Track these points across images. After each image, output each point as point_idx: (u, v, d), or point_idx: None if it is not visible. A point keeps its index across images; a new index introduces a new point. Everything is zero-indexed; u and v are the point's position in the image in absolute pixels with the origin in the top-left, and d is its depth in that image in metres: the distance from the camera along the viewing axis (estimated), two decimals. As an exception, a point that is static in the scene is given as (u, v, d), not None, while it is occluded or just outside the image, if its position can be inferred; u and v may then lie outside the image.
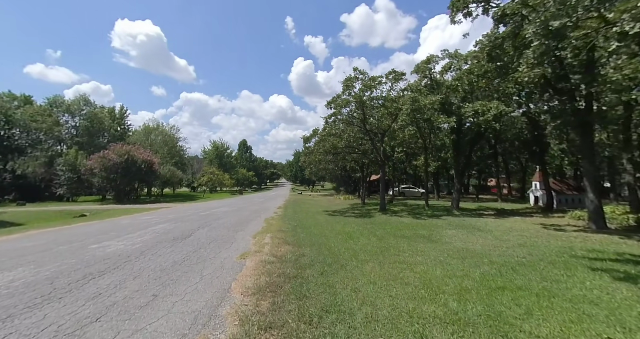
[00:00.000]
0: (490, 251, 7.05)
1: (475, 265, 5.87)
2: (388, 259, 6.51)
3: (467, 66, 14.48)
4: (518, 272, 5.32)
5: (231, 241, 7.71)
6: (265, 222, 11.75)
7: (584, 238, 8.43)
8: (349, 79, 16.38)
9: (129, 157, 25.49)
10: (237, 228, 9.94)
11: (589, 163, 10.24)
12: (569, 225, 11.28)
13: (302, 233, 9.46)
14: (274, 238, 8.25)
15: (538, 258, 6.21)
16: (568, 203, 19.17)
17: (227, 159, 60.72)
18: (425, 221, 12.71)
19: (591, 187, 10.08)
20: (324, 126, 18.85)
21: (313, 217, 14.67)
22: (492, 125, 15.97)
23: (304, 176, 63.01)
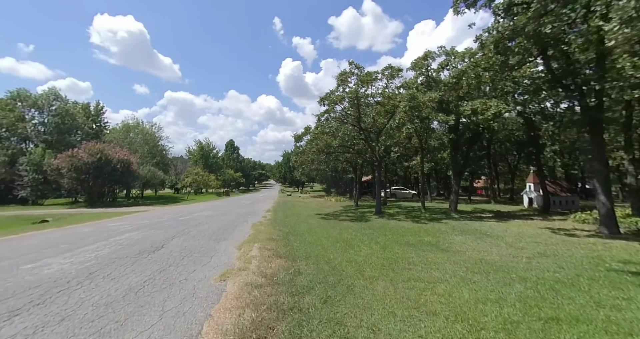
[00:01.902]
0: (512, 263, 6.16)
1: (505, 283, 4.93)
2: (400, 275, 5.47)
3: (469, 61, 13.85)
4: (561, 294, 4.40)
5: (211, 255, 6.42)
6: (253, 228, 10.47)
7: (605, 246, 7.77)
8: (343, 73, 15.38)
9: (102, 156, 23.29)
10: (219, 237, 8.62)
11: (599, 164, 9.70)
12: (577, 229, 10.73)
13: (296, 241, 8.29)
14: (262, 249, 7.03)
15: (573, 273, 5.35)
16: (562, 205, 19.02)
17: (213, 160, 58.36)
18: (426, 226, 11.85)
19: (602, 189, 9.53)
20: (316, 124, 17.76)
21: (305, 221, 13.50)
22: (490, 125, 15.45)
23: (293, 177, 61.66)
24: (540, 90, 11.12)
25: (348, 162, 24.57)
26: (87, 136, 34.99)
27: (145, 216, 14.84)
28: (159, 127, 43.00)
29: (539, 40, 8.88)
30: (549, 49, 10.15)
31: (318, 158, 17.30)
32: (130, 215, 16.10)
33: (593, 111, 9.48)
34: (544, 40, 9.00)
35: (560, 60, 10.23)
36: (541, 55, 10.19)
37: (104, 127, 41.00)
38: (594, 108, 9.46)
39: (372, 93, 16.85)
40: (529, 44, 8.78)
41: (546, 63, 10.27)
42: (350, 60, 15.23)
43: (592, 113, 9.40)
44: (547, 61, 10.27)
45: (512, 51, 9.49)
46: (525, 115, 17.75)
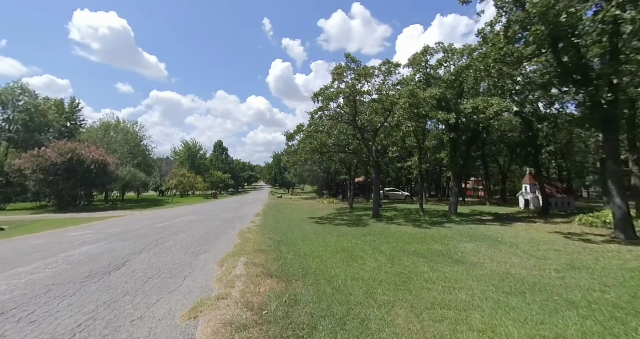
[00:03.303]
0: (544, 279, 5.27)
1: (552, 309, 3.99)
2: (420, 298, 4.44)
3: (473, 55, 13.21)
4: (631, 326, 3.49)
5: (184, 275, 5.18)
6: (240, 236, 9.22)
7: (633, 254, 7.08)
8: (339, 68, 14.38)
9: (73, 156, 21.18)
10: (199, 249, 7.33)
11: (614, 164, 9.12)
12: (588, 233, 10.14)
13: (289, 253, 7.13)
14: (249, 264, 5.84)
15: (625, 293, 4.50)
16: (558, 206, 18.76)
17: (201, 161, 56.09)
18: (430, 231, 10.97)
19: (617, 191, 8.94)
20: (309, 121, 16.65)
21: (298, 227, 12.35)
22: (491, 123, 14.85)
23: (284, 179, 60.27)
24: (550, 85, 10.53)
25: (342, 163, 23.60)
26: (60, 135, 32.36)
27: (118, 223, 13.23)
28: (142, 126, 40.63)
29: (555, 29, 8.18)
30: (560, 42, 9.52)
31: (312, 158, 16.20)
32: (102, 221, 14.41)
33: (608, 107, 8.89)
34: (559, 29, 8.32)
35: (570, 53, 9.61)
36: (551, 48, 9.54)
37: (80, 125, 38.23)
38: (609, 105, 8.87)
39: (368, 90, 15.95)
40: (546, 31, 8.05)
41: (557, 57, 9.64)
42: (346, 53, 14.28)
43: (607, 110, 8.80)
44: (557, 54, 9.64)
45: (527, 40, 8.79)
46: (523, 114, 17.35)
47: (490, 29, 11.10)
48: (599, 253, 7.21)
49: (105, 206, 26.23)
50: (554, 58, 9.77)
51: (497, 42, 9.40)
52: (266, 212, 18.93)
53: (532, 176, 19.96)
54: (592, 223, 11.56)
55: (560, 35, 9.29)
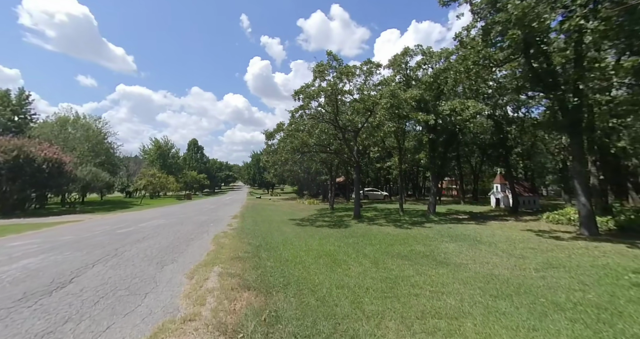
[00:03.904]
0: (527, 280, 5.29)
1: (541, 313, 3.91)
2: (409, 307, 4.19)
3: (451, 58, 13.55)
4: (618, 328, 3.47)
5: (145, 291, 4.48)
6: (215, 242, 8.49)
7: (599, 250, 7.48)
8: (321, 65, 14.03)
9: (20, 154, 18.70)
10: (166, 258, 6.55)
11: (579, 165, 9.73)
12: (556, 230, 10.73)
13: (269, 260, 6.61)
14: (224, 275, 5.25)
15: (604, 292, 4.59)
16: (525, 204, 19.98)
17: (173, 160, 52.90)
18: (411, 232, 10.98)
19: (582, 190, 9.53)
20: (290, 120, 16.12)
21: (279, 229, 11.80)
22: (466, 125, 15.36)
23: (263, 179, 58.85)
24: (524, 89, 11.03)
25: (323, 163, 23.31)
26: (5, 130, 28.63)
27: (72, 229, 11.75)
28: (106, 122, 37.22)
29: (529, 34, 8.50)
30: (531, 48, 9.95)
31: (292, 158, 15.69)
32: (53, 227, 12.74)
33: (574, 111, 9.43)
34: (533, 34, 8.66)
35: (540, 58, 10.09)
36: (524, 54, 9.96)
37: (31, 119, 34.18)
38: (575, 109, 9.41)
39: (349, 89, 15.79)
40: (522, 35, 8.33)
41: (528, 62, 10.08)
42: (328, 51, 13.95)
43: (573, 114, 9.35)
44: (529, 60, 10.08)
45: (503, 44, 9.08)
46: (495, 117, 18.23)
47: (467, 33, 11.41)
48: (570, 250, 7.54)
49: (62, 210, 23.58)
50: (527, 64, 10.20)
51: (476, 45, 9.62)
52: (244, 214, 18.07)
53: (503, 176, 21.11)
54: (559, 220, 12.32)
55: (532, 42, 9.72)
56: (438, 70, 15.15)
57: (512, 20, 7.89)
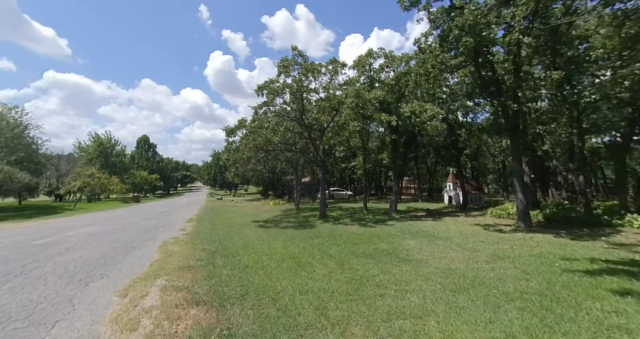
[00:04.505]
0: (480, 272, 5.62)
1: (494, 305, 4.11)
2: (375, 309, 4.07)
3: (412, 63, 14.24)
4: (557, 314, 3.78)
5: (53, 320, 3.58)
6: (162, 250, 7.49)
7: (534, 241, 8.43)
8: (285, 60, 13.55)
9: None
10: (93, 273, 5.50)
11: (518, 165, 10.96)
12: (499, 224, 11.92)
13: (226, 267, 6.00)
14: (168, 289, 4.54)
15: (543, 280, 5.05)
16: (473, 201, 22.08)
17: (117, 158, 46.91)
18: (375, 230, 11.18)
19: (520, 187, 10.76)
20: (253, 117, 15.30)
21: (240, 233, 11.04)
22: (424, 127, 16.32)
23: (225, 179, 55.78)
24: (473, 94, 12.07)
25: (289, 162, 22.77)
26: None
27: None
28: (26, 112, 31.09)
29: (479, 43, 9.27)
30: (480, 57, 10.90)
31: (255, 156, 14.90)
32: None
33: (513, 117, 10.58)
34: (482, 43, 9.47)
35: (487, 68, 11.12)
36: (474, 61, 10.87)
37: None
38: (514, 115, 10.56)
39: (315, 87, 15.60)
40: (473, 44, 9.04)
41: (477, 70, 11.04)
42: (293, 46, 13.51)
43: (513, 119, 10.48)
44: (478, 68, 11.04)
45: (457, 50, 9.76)
46: (448, 121, 19.79)
47: (425, 39, 12.11)
48: (512, 242, 8.36)
49: (-39, 219, 19.02)
50: (476, 71, 11.15)
51: (434, 50, 10.19)
52: (201, 217, 16.67)
53: (454, 176, 23.05)
54: (500, 215, 13.77)
55: (481, 51, 10.65)
56: (399, 74, 15.84)
57: (465, 27, 8.48)
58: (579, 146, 13.61)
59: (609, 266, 5.72)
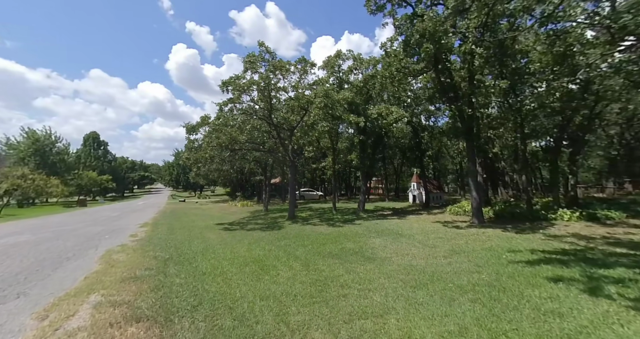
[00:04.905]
0: (439, 267, 5.89)
1: (450, 299, 4.28)
2: (337, 310, 3.99)
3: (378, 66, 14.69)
4: (504, 303, 4.05)
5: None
6: (104, 260, 6.62)
7: (485, 235, 9.14)
8: (252, 56, 13.03)
9: None
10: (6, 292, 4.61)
11: (473, 165, 11.89)
12: (456, 221, 12.79)
13: (179, 275, 5.47)
14: (104, 306, 3.96)
15: (492, 272, 5.43)
16: (434, 200, 23.56)
17: (59, 157, 41.32)
18: (343, 229, 11.25)
19: (474, 186, 11.68)
20: (217, 114, 14.48)
21: (201, 236, 10.30)
22: (391, 129, 16.96)
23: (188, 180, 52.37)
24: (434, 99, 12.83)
25: (257, 162, 22.05)
26: None
27: None
28: None
29: (439, 50, 9.87)
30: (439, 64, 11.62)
31: (220, 156, 14.09)
32: None
33: (469, 120, 11.45)
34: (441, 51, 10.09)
35: (446, 74, 11.90)
36: (434, 68, 11.56)
37: None
38: (469, 118, 11.44)
39: (284, 86, 15.31)
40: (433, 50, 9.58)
41: (437, 76, 11.76)
42: (260, 41, 13.06)
43: (469, 123, 11.35)
44: (437, 74, 11.76)
45: (419, 55, 10.27)
46: (413, 124, 20.88)
47: (391, 44, 12.59)
48: (466, 237, 8.98)
49: None
50: (436, 77, 11.87)
51: (398, 54, 10.62)
52: (158, 221, 15.31)
53: (418, 176, 24.38)
54: (457, 212, 14.83)
55: (440, 58, 11.36)
56: (367, 76, 16.27)
57: (426, 34, 8.95)
58: (522, 149, 15.25)
59: (545, 256, 6.39)
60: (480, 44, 10.47)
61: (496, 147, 20.84)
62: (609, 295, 4.20)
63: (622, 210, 11.92)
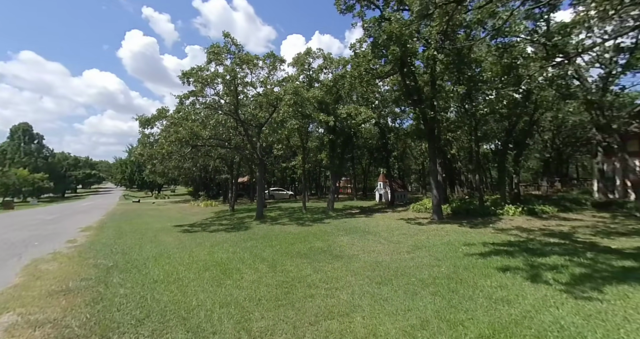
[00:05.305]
0: (402, 262, 6.08)
1: (413, 293, 4.41)
2: (303, 312, 3.85)
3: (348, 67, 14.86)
4: (461, 294, 4.28)
5: None
6: (26, 272, 5.61)
7: (444, 230, 9.76)
8: (216, 46, 12.21)
9: None
10: None
11: (434, 165, 12.66)
12: (418, 217, 13.50)
13: (124, 285, 4.84)
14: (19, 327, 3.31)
15: (450, 265, 5.75)
16: (399, 198, 24.71)
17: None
18: (312, 228, 11.15)
19: (435, 185, 12.44)
20: (177, 107, 13.34)
21: (154, 240, 9.39)
22: (359, 129, 17.33)
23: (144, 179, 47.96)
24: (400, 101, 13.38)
25: (222, 160, 20.92)
26: None
27: None
28: None
29: (405, 53, 10.29)
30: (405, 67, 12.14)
31: (180, 152, 12.99)
32: None
33: (431, 122, 12.16)
34: (406, 53, 10.54)
35: (411, 78, 12.48)
36: (400, 71, 12.05)
37: None
38: (431, 120, 12.14)
39: (252, 81, 14.72)
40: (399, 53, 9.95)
41: (403, 79, 12.28)
42: (225, 32, 12.30)
43: (431, 124, 12.05)
44: (403, 77, 12.28)
45: (386, 57, 10.59)
46: (380, 125, 21.63)
47: (360, 45, 12.83)
48: (427, 232, 9.50)
49: None
50: (402, 80, 12.37)
51: (367, 55, 10.84)
52: (105, 224, 13.65)
53: (384, 176, 25.36)
54: (420, 209, 15.70)
55: (406, 62, 11.87)
56: (337, 76, 16.38)
57: (393, 37, 9.25)
58: (476, 151, 16.69)
59: (495, 248, 6.99)
60: (442, 50, 11.16)
61: (454, 149, 22.59)
62: (547, 281, 4.69)
63: (554, 205, 13.69)
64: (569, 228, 9.48)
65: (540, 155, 28.00)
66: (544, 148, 26.28)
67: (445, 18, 8.35)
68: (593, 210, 13.09)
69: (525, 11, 10.00)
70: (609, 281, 4.60)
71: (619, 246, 6.84)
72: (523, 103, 13.62)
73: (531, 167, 33.45)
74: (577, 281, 4.65)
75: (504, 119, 15.15)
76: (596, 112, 13.48)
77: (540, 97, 14.11)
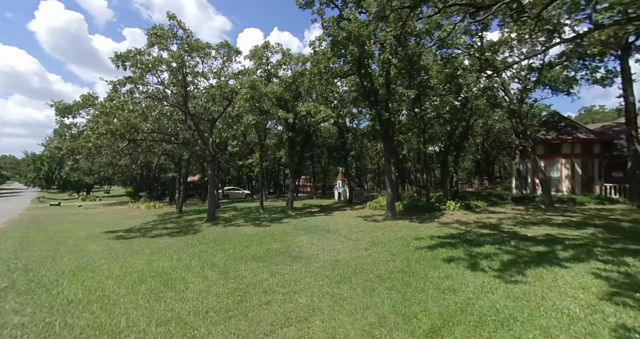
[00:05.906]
0: (361, 259, 6.17)
1: (371, 290, 4.45)
2: (257, 322, 3.55)
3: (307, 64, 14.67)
4: (413, 287, 4.47)
5: None
6: None
7: (397, 226, 10.30)
8: (159, 29, 10.75)
9: None
10: None
11: (388, 165, 13.34)
12: (374, 215, 14.11)
13: (22, 311, 3.85)
14: None
15: (404, 259, 6.02)
16: (356, 196, 25.64)
17: None
18: (270, 229, 10.71)
19: (390, 183, 13.13)
20: (109, 94, 11.41)
21: (75, 251, 7.85)
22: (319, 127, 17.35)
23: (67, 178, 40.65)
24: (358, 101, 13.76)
25: (168, 157, 18.78)
26: None
27: None
28: None
29: (362, 54, 10.57)
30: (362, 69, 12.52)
31: (112, 146, 11.13)
32: None
33: (386, 123, 12.78)
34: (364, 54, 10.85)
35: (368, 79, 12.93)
36: (358, 72, 12.38)
37: None
38: (386, 121, 12.77)
39: (204, 72, 13.47)
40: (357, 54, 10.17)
41: (361, 80, 12.65)
42: (170, 13, 10.89)
43: (386, 125, 12.67)
44: (361, 78, 12.65)
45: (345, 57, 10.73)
46: (339, 124, 22.06)
47: (319, 43, 12.80)
48: (383, 229, 9.94)
49: None
50: (360, 82, 12.73)
51: (326, 53, 10.84)
52: (5, 234, 10.95)
53: (343, 174, 26.03)
54: (375, 207, 16.46)
55: (363, 63, 12.24)
56: (296, 73, 16.09)
57: (351, 36, 9.40)
58: (424, 152, 18.20)
59: (440, 241, 7.61)
60: (395, 55, 11.80)
61: (404, 150, 24.36)
62: (483, 268, 5.23)
63: (484, 200, 15.75)
64: (496, 220, 10.94)
65: (473, 156, 32.17)
66: (476, 151, 30.24)
67: (399, 23, 8.78)
68: (512, 204, 15.42)
69: (464, 26, 11.23)
70: (528, 265, 5.34)
71: (533, 234, 8.08)
72: (462, 110, 15.30)
73: (466, 167, 38.20)
74: (505, 266, 5.28)
75: (447, 123, 16.82)
76: (516, 120, 15.90)
77: (475, 105, 16.11)
